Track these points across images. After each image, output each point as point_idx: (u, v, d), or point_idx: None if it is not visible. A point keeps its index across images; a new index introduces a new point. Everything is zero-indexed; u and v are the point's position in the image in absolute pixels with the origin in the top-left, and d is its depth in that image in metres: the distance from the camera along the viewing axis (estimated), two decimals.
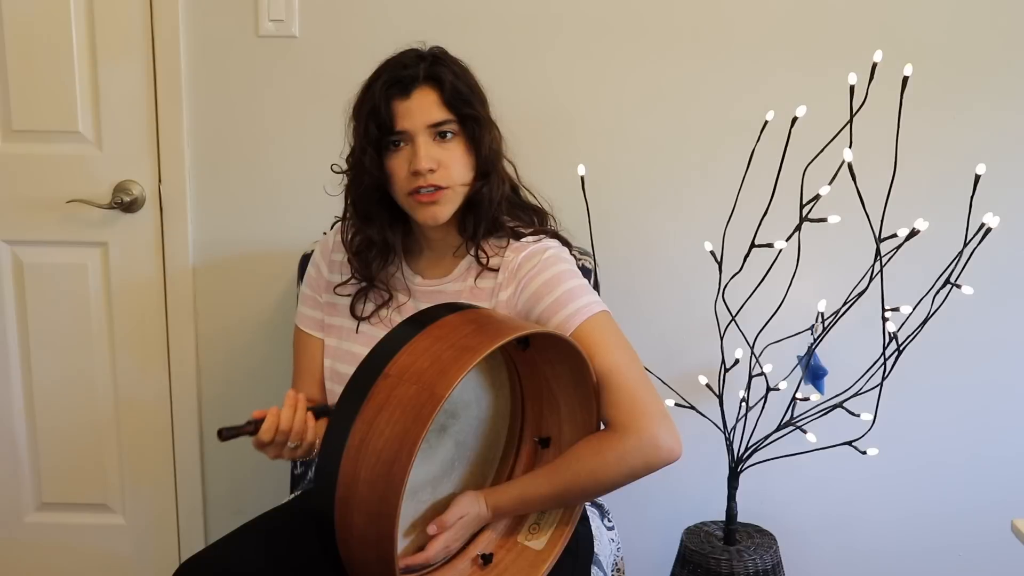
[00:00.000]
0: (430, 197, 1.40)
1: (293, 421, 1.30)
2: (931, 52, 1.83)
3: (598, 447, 1.32)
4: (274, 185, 1.96)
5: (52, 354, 2.04)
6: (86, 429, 2.07)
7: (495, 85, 1.49)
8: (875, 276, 1.72)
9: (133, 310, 2.02)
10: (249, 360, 2.03)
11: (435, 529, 1.28)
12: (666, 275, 1.95)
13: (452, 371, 1.13)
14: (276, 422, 1.29)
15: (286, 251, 1.95)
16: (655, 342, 1.93)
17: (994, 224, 1.65)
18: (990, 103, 1.86)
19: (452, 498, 1.32)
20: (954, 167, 1.81)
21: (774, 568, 1.86)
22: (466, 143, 1.42)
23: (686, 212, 1.93)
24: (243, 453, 2.04)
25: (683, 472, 1.57)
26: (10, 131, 1.95)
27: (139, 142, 1.95)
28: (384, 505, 1.11)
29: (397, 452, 1.11)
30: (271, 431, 1.28)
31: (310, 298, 1.59)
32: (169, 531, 2.11)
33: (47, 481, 2.10)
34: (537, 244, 1.45)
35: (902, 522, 2.03)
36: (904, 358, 1.76)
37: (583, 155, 1.85)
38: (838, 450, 1.83)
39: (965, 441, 1.99)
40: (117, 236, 1.99)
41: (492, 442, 1.40)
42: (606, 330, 1.37)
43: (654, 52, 1.88)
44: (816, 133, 1.68)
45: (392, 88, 1.40)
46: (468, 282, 1.46)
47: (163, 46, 1.91)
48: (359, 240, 1.49)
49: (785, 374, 1.85)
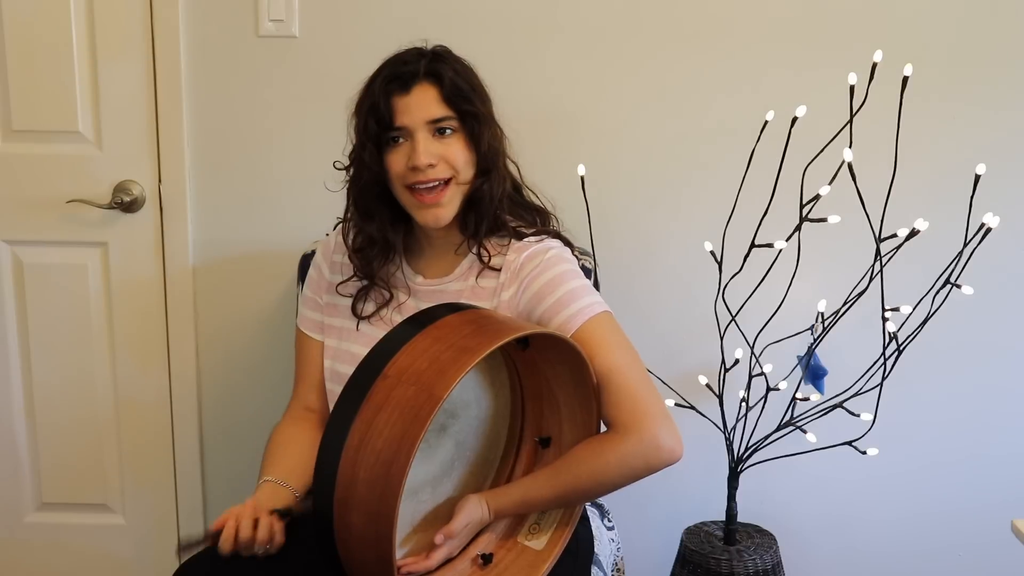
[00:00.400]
0: (433, 198, 1.40)
1: (256, 531, 1.27)
2: (931, 52, 1.83)
3: (599, 448, 1.32)
4: (274, 185, 1.96)
5: (52, 354, 2.04)
6: (86, 429, 2.07)
7: (495, 85, 1.50)
8: (875, 276, 1.72)
9: (133, 310, 2.02)
10: (249, 360, 2.03)
11: (442, 539, 1.27)
12: (666, 275, 1.95)
13: (451, 372, 1.13)
14: (233, 534, 1.26)
15: (286, 251, 1.95)
16: (655, 342, 1.92)
17: (994, 224, 1.65)
18: (990, 103, 1.86)
19: (453, 500, 1.32)
20: (954, 167, 1.81)
21: (774, 568, 1.86)
22: (466, 140, 1.42)
23: (686, 212, 1.92)
24: (243, 453, 2.06)
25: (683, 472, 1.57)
26: (10, 131, 1.95)
27: (139, 142, 1.95)
28: (383, 505, 1.11)
29: (396, 452, 1.11)
30: (229, 542, 1.26)
31: (311, 300, 1.59)
32: (169, 531, 2.11)
33: (47, 481, 2.10)
34: (539, 244, 1.44)
35: (902, 522, 2.03)
36: (904, 358, 1.76)
37: (583, 155, 1.85)
38: (838, 450, 1.83)
39: (965, 441, 1.99)
40: (117, 236, 1.99)
41: (492, 442, 1.40)
42: (608, 330, 1.37)
43: (654, 52, 1.88)
44: (816, 133, 1.67)
45: (392, 84, 1.40)
46: (470, 281, 1.46)
47: (163, 46, 1.91)
48: (360, 238, 1.49)
49: (785, 374, 1.85)
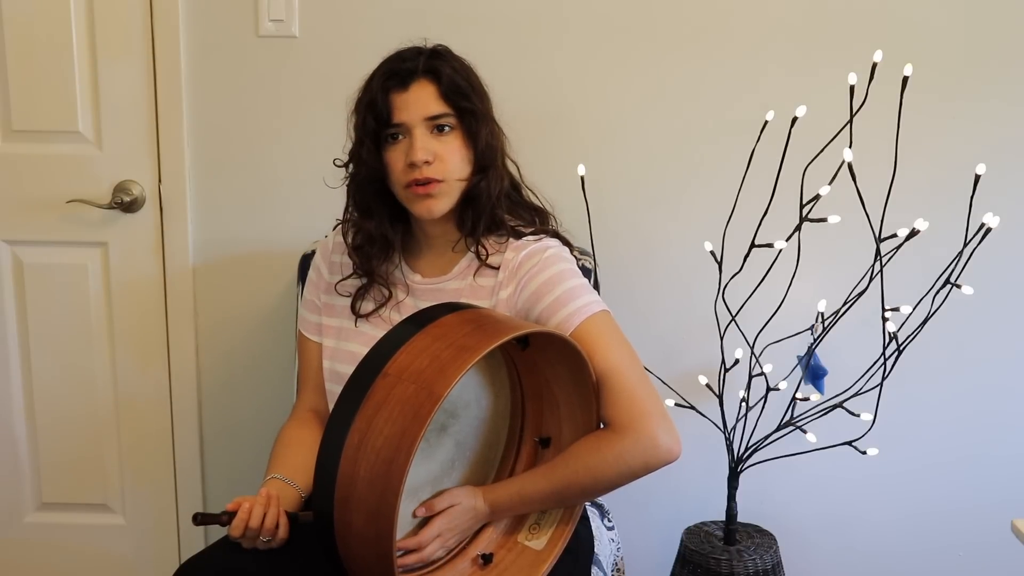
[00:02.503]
0: (425, 189, 1.40)
1: (264, 519, 1.29)
2: (931, 52, 1.83)
3: (597, 445, 1.33)
4: (274, 185, 1.96)
5: (52, 354, 2.04)
6: (86, 429, 2.07)
7: (496, 85, 1.50)
8: (875, 276, 1.72)
9: (133, 310, 2.02)
10: (249, 360, 2.03)
11: (424, 511, 1.28)
12: (666, 275, 1.95)
13: (451, 370, 1.13)
14: (246, 518, 1.28)
15: (286, 251, 1.95)
16: (655, 342, 1.93)
17: (994, 224, 1.65)
18: (990, 103, 1.86)
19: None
20: (954, 167, 1.81)
21: (774, 568, 1.86)
22: (464, 137, 1.42)
23: (686, 212, 1.93)
24: (243, 453, 2.06)
25: (683, 472, 1.57)
26: (10, 131, 1.95)
27: (139, 142, 1.95)
28: (383, 504, 1.11)
29: (396, 451, 1.11)
30: (240, 527, 1.28)
31: (310, 302, 1.59)
32: (169, 531, 2.11)
33: (47, 481, 2.10)
34: (537, 243, 1.45)
35: (902, 522, 2.03)
36: (904, 358, 1.76)
37: (583, 155, 1.85)
38: (838, 450, 1.83)
39: (965, 441, 1.99)
40: (117, 236, 1.99)
41: (492, 442, 1.40)
42: (606, 330, 1.37)
43: (654, 52, 1.88)
44: (816, 133, 1.67)
45: (390, 80, 1.40)
46: (468, 280, 1.46)
47: (163, 46, 1.91)
48: (359, 236, 1.49)
49: (785, 374, 1.85)
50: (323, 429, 1.20)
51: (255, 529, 1.28)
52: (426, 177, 1.39)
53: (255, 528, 1.28)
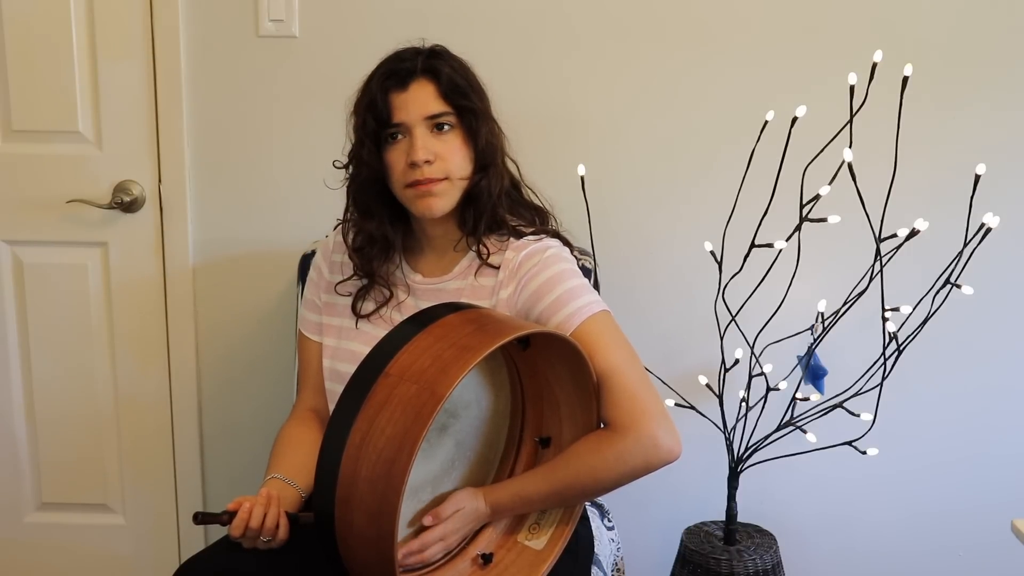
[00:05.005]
0: (427, 188, 1.40)
1: (264, 520, 1.29)
2: (931, 52, 1.83)
3: (597, 445, 1.33)
4: (274, 185, 1.96)
5: (52, 354, 2.04)
6: (86, 429, 2.07)
7: (496, 85, 1.50)
8: (875, 276, 1.72)
9: (133, 310, 2.02)
10: (249, 359, 2.03)
11: (431, 520, 1.28)
12: (666, 275, 1.96)
13: (453, 370, 1.13)
14: (247, 518, 1.27)
15: (286, 251, 1.95)
16: (655, 342, 1.93)
17: (994, 224, 1.65)
18: (990, 103, 1.86)
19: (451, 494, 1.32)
20: (954, 167, 1.81)
21: (774, 568, 1.86)
22: (464, 136, 1.43)
23: (686, 212, 1.93)
24: (243, 453, 2.06)
25: (683, 472, 1.57)
26: (10, 131, 1.95)
27: (139, 142, 1.95)
28: (384, 504, 1.11)
29: (398, 451, 1.11)
30: (240, 527, 1.28)
31: (311, 302, 1.59)
32: (169, 531, 2.11)
33: (47, 481, 2.10)
34: (538, 243, 1.45)
35: (902, 522, 2.03)
36: (904, 358, 1.76)
37: (583, 155, 1.85)
38: (838, 450, 1.83)
39: (965, 441, 1.99)
40: (117, 236, 1.99)
41: (492, 442, 1.40)
42: (606, 329, 1.37)
43: (654, 53, 1.88)
44: (816, 133, 1.68)
45: (389, 80, 1.41)
46: (468, 280, 1.46)
47: (163, 46, 1.91)
48: (360, 237, 1.49)
49: (785, 374, 1.85)
50: (323, 429, 1.20)
51: (255, 529, 1.28)
52: (427, 177, 1.39)
53: (255, 528, 1.28)
